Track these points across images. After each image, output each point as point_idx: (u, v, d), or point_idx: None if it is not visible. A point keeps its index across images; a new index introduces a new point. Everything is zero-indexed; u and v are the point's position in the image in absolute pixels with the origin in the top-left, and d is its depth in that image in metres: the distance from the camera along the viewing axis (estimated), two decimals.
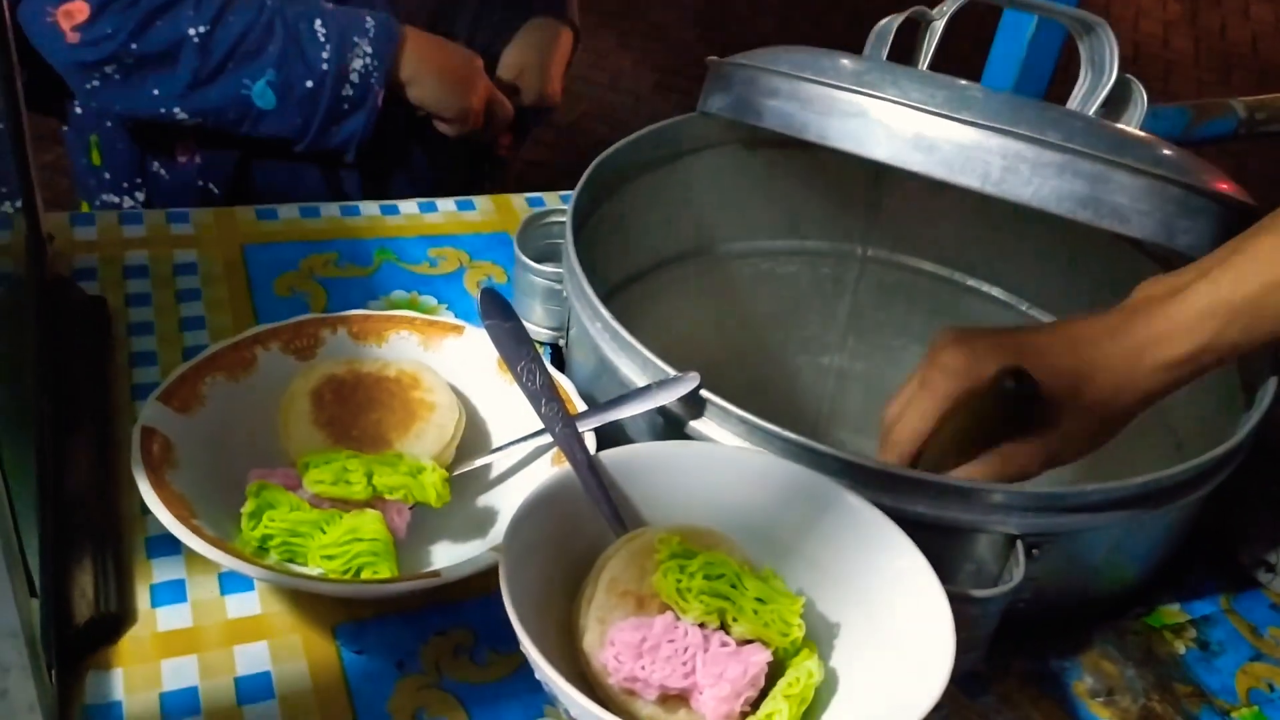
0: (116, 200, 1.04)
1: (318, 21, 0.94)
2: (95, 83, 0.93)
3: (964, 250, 0.84)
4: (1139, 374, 0.56)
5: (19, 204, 0.67)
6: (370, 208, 0.85)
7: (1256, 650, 0.62)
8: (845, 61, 0.63)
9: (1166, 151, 0.61)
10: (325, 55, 0.94)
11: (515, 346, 0.57)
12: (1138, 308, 0.58)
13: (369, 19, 0.96)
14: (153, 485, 0.50)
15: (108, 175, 1.04)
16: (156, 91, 0.93)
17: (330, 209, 0.84)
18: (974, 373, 0.56)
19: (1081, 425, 0.56)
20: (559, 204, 0.91)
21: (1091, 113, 0.65)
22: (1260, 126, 0.99)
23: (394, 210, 0.86)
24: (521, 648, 0.44)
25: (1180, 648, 0.61)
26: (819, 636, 0.51)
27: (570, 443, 0.52)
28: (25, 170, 0.67)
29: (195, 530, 0.49)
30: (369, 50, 0.95)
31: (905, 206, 0.84)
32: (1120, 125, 0.65)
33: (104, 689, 0.50)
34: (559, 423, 0.53)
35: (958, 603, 0.50)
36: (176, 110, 0.94)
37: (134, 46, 0.91)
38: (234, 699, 0.50)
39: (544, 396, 0.54)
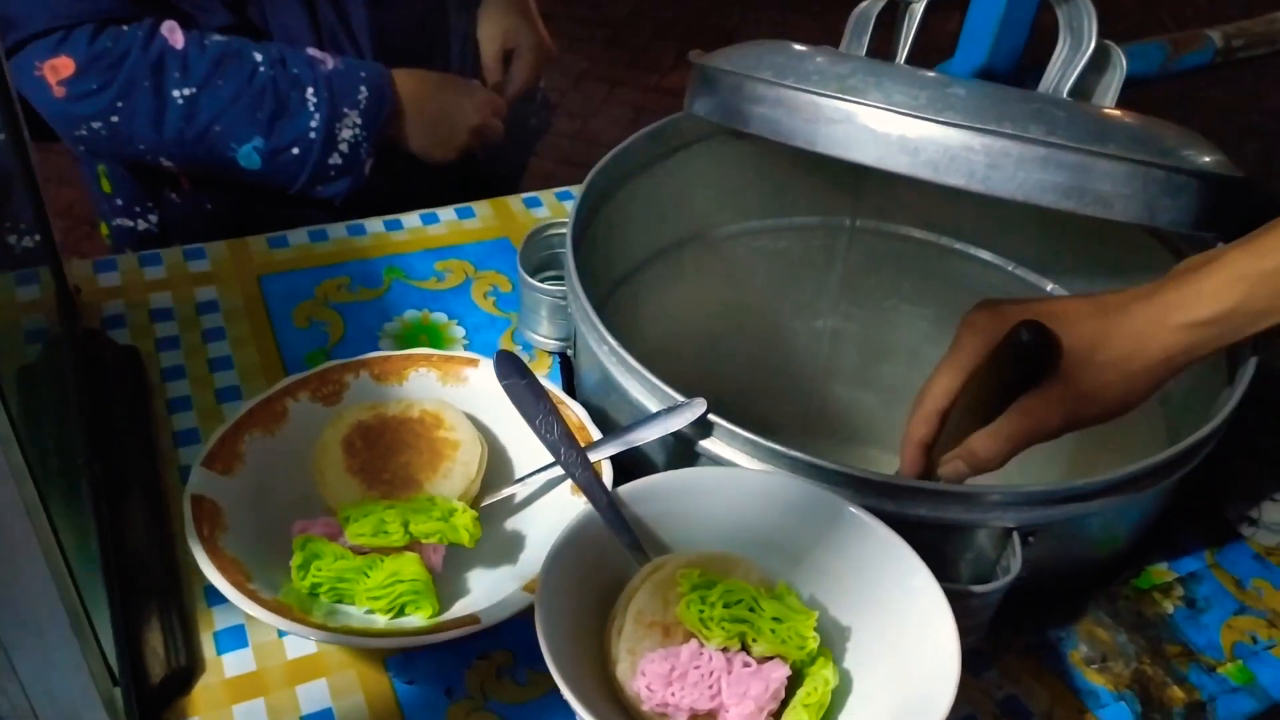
0: (131, 224, 1.06)
1: (309, 90, 0.94)
2: (83, 132, 0.93)
3: (950, 216, 0.85)
4: (1161, 332, 0.56)
5: (47, 267, 0.69)
6: (375, 224, 0.88)
7: (1240, 604, 0.65)
8: (828, 62, 0.64)
9: (1150, 131, 0.61)
10: (314, 125, 0.94)
11: (533, 402, 0.60)
12: (1172, 276, 0.58)
13: (363, 88, 0.96)
14: (208, 555, 0.54)
15: (120, 201, 1.06)
16: (142, 146, 0.94)
17: (338, 230, 0.87)
18: (999, 330, 0.58)
19: (1102, 382, 0.57)
20: (555, 202, 0.93)
21: (1071, 80, 0.66)
22: (1238, 54, 0.99)
23: (398, 225, 0.88)
24: (563, 693, 0.48)
25: (1169, 607, 0.64)
26: (832, 641, 0.55)
27: (591, 486, 0.56)
28: (46, 228, 0.68)
29: (252, 595, 0.53)
30: (359, 121, 0.95)
31: (891, 179, 0.85)
32: (1105, 109, 0.65)
33: None
34: (579, 468, 0.57)
35: (960, 598, 0.53)
36: (163, 160, 0.95)
37: (120, 104, 0.91)
38: None
39: (563, 445, 0.57)
